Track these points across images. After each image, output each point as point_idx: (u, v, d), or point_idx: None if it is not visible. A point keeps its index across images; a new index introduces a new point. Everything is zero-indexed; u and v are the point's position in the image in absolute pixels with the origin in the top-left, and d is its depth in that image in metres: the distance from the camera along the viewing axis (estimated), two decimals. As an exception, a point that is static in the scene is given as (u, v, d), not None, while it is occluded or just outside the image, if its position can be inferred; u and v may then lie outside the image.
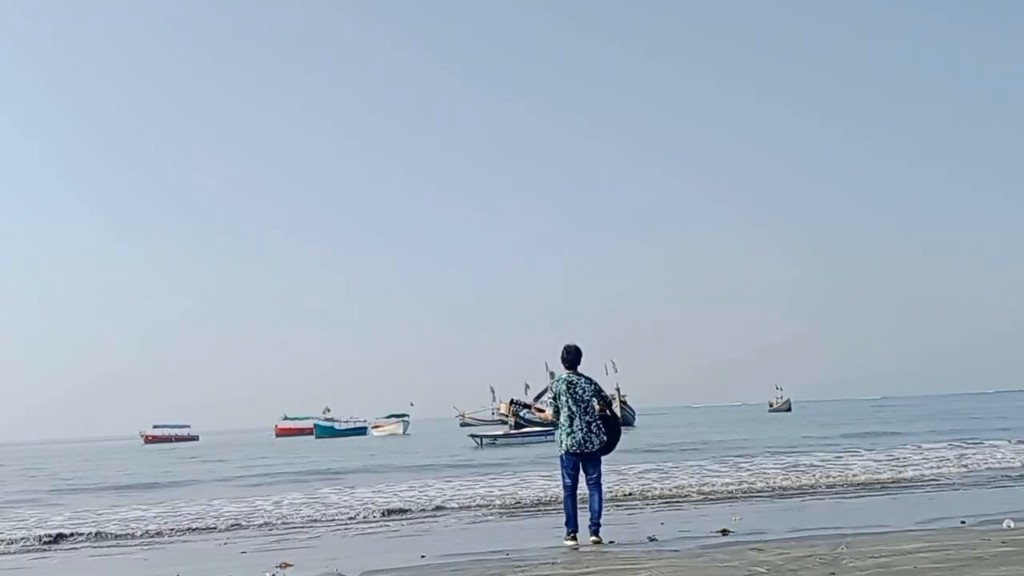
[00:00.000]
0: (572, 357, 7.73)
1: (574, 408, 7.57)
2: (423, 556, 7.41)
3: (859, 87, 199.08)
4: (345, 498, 14.36)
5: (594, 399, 7.68)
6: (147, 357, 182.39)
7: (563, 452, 7.66)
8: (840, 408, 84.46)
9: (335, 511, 12.40)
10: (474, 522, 10.69)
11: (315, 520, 11.60)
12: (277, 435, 79.53)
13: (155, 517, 12.76)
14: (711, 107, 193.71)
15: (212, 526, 11.39)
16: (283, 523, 11.46)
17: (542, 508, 11.62)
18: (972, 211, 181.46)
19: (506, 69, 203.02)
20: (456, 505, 12.48)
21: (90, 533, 11.20)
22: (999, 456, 17.15)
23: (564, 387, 7.64)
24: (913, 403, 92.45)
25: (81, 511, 14.27)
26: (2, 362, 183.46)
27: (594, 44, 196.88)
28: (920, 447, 20.67)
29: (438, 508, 12.30)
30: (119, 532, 11.26)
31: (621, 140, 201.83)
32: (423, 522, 10.95)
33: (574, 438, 7.54)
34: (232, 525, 11.41)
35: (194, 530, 11.11)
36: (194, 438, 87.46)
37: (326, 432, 71.17)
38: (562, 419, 7.61)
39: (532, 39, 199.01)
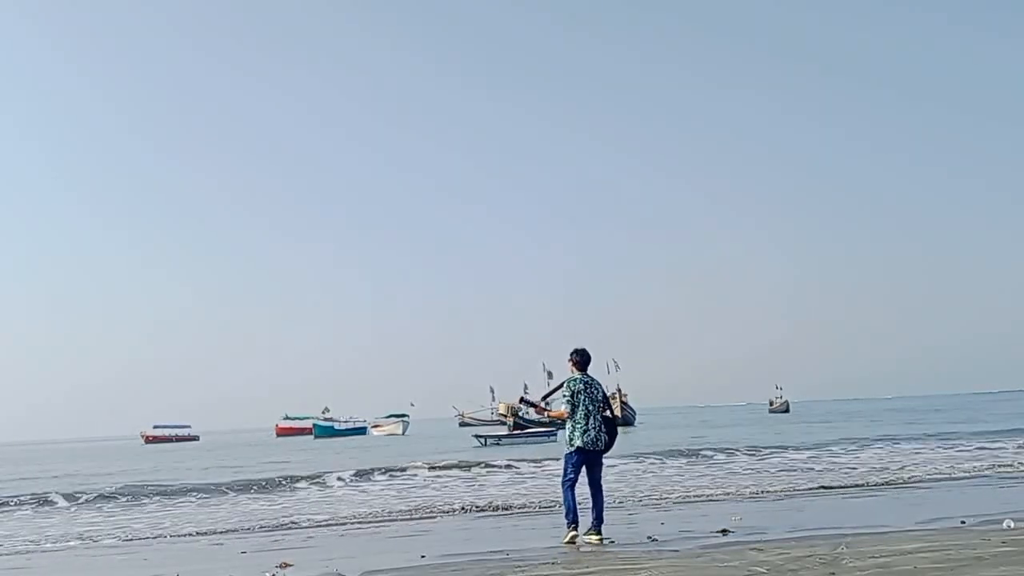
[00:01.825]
0: (585, 360, 8.07)
1: (591, 407, 7.86)
2: (423, 556, 7.42)
3: (859, 87, 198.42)
4: (345, 498, 14.36)
5: (603, 401, 8.01)
6: (147, 357, 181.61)
7: (573, 449, 7.81)
8: (840, 408, 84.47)
9: (335, 511, 12.40)
10: (474, 522, 10.70)
11: (315, 520, 11.61)
12: (278, 435, 79.56)
13: (155, 517, 12.78)
14: (711, 107, 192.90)
15: (212, 527, 11.40)
16: (283, 523, 11.47)
17: (542, 508, 11.63)
18: (972, 211, 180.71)
19: (506, 69, 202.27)
20: (458, 505, 12.48)
21: (91, 535, 11.21)
22: (999, 456, 17.15)
23: (583, 386, 7.92)
24: (913, 403, 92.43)
25: (82, 513, 14.28)
26: (2, 362, 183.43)
27: (594, 44, 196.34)
28: (919, 447, 20.68)
29: (440, 508, 12.30)
30: (121, 533, 11.27)
31: (621, 140, 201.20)
32: (423, 522, 10.95)
33: (589, 436, 7.78)
34: (232, 525, 11.42)
35: (194, 532, 11.11)
36: (194, 438, 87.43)
37: (325, 432, 71.16)
38: (578, 416, 7.83)
39: (532, 39, 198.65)
